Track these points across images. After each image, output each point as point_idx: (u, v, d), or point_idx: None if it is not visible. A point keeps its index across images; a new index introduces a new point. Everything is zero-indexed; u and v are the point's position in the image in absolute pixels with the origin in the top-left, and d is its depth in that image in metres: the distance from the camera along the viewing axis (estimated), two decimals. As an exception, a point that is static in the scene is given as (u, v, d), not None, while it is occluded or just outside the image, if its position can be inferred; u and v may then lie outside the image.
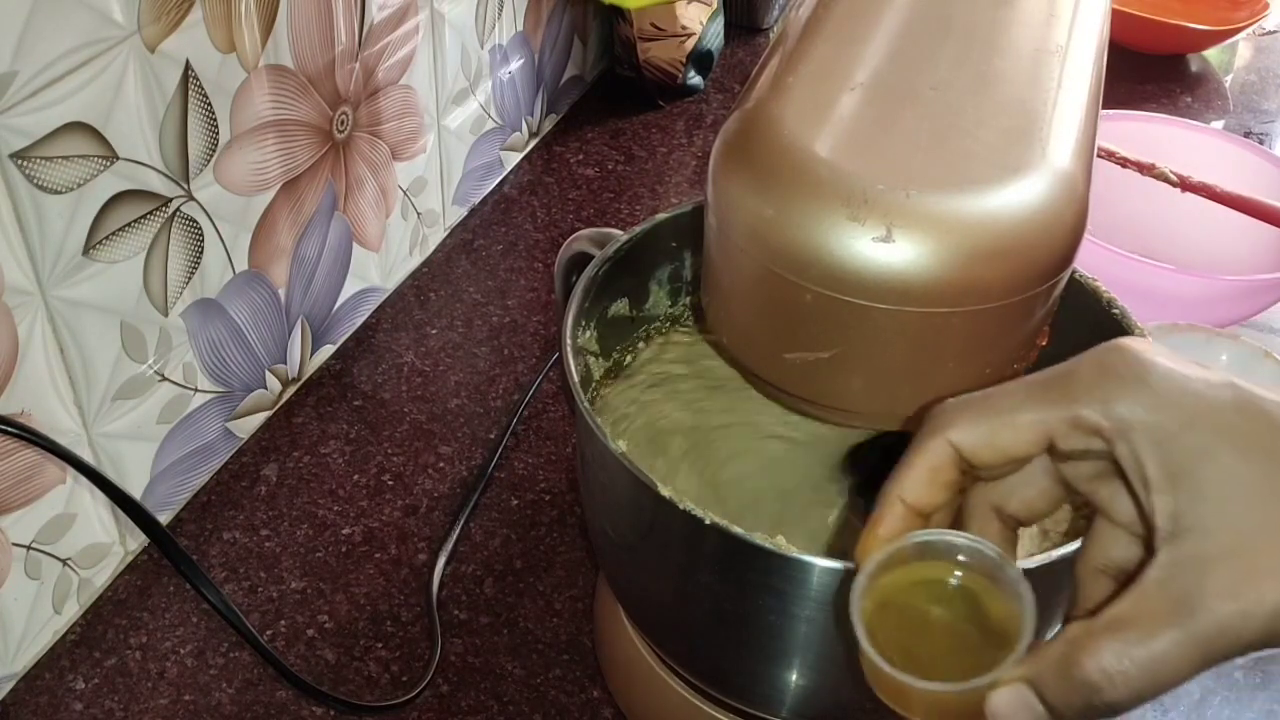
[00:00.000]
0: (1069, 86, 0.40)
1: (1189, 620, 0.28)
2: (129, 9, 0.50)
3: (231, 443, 0.67)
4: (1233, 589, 0.28)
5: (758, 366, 0.42)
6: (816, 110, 0.38)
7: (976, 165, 0.37)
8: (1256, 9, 1.08)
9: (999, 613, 0.32)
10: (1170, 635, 0.28)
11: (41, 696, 0.55)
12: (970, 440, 0.33)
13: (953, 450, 0.33)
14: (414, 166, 0.77)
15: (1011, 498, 0.35)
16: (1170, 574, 0.29)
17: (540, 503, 0.66)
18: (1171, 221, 0.80)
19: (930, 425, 0.34)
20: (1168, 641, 0.28)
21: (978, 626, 0.32)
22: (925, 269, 0.36)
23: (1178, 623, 0.28)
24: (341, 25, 0.64)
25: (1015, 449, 0.33)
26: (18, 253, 0.49)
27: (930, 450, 0.33)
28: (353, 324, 0.76)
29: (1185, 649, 0.28)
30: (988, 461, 0.33)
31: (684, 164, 0.94)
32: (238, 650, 0.58)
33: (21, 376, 0.51)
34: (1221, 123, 1.04)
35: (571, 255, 0.53)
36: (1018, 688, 0.30)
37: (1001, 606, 0.32)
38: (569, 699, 0.57)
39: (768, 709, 0.48)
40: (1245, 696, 0.58)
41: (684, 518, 0.40)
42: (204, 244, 0.59)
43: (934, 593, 0.33)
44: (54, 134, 0.48)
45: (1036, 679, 0.30)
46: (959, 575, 0.33)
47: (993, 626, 0.32)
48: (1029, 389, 0.33)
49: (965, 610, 0.33)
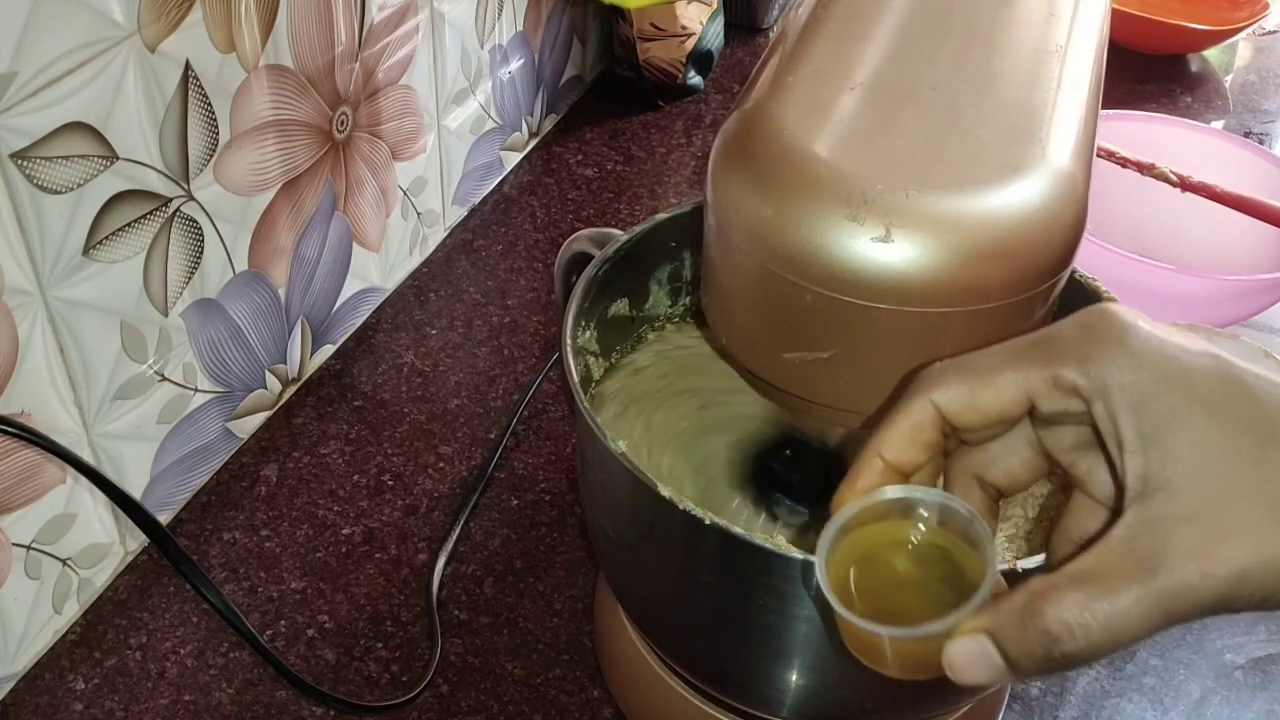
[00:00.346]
0: (1069, 86, 0.40)
1: (1151, 578, 0.29)
2: (129, 9, 0.50)
3: (231, 443, 0.67)
4: (1196, 550, 0.29)
5: (757, 366, 0.42)
6: (816, 110, 0.38)
7: (976, 165, 0.37)
8: (1256, 9, 1.08)
9: (971, 571, 0.32)
10: (1133, 592, 0.29)
11: (41, 696, 0.56)
12: (952, 400, 0.33)
13: (935, 410, 0.33)
14: (414, 166, 0.77)
15: (993, 466, 0.35)
16: (1136, 532, 0.30)
17: (540, 503, 0.66)
18: (1171, 221, 0.80)
19: (915, 385, 0.34)
20: (1130, 598, 0.29)
21: (949, 584, 0.32)
22: (924, 269, 0.36)
23: (1140, 580, 0.29)
24: (341, 25, 0.64)
25: (996, 409, 0.33)
26: (18, 253, 0.49)
27: (912, 409, 0.34)
28: (353, 324, 0.76)
29: (1146, 606, 0.29)
30: (969, 423, 0.33)
31: (683, 164, 0.94)
32: (238, 650, 0.58)
33: (21, 376, 0.51)
34: (1221, 123, 1.04)
35: (571, 255, 0.53)
36: (976, 638, 0.30)
37: (973, 564, 0.32)
38: (569, 699, 0.57)
39: (768, 709, 0.48)
40: (1245, 696, 0.58)
41: (684, 518, 0.40)
42: (204, 244, 0.59)
43: (907, 549, 0.34)
44: (54, 134, 0.48)
45: (996, 629, 0.30)
46: (931, 532, 0.33)
47: (965, 585, 0.32)
48: (1011, 350, 0.33)
49: (937, 567, 0.33)
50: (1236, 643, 0.60)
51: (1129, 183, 0.79)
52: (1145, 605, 0.29)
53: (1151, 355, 0.30)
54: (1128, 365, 0.30)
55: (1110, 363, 0.31)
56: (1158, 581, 0.29)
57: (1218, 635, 0.61)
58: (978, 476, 0.35)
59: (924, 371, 0.34)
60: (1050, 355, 0.32)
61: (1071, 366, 0.31)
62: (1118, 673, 0.59)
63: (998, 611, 0.30)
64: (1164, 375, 0.30)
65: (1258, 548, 0.28)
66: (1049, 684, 0.58)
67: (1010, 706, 0.57)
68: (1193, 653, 0.60)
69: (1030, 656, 0.30)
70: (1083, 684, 0.58)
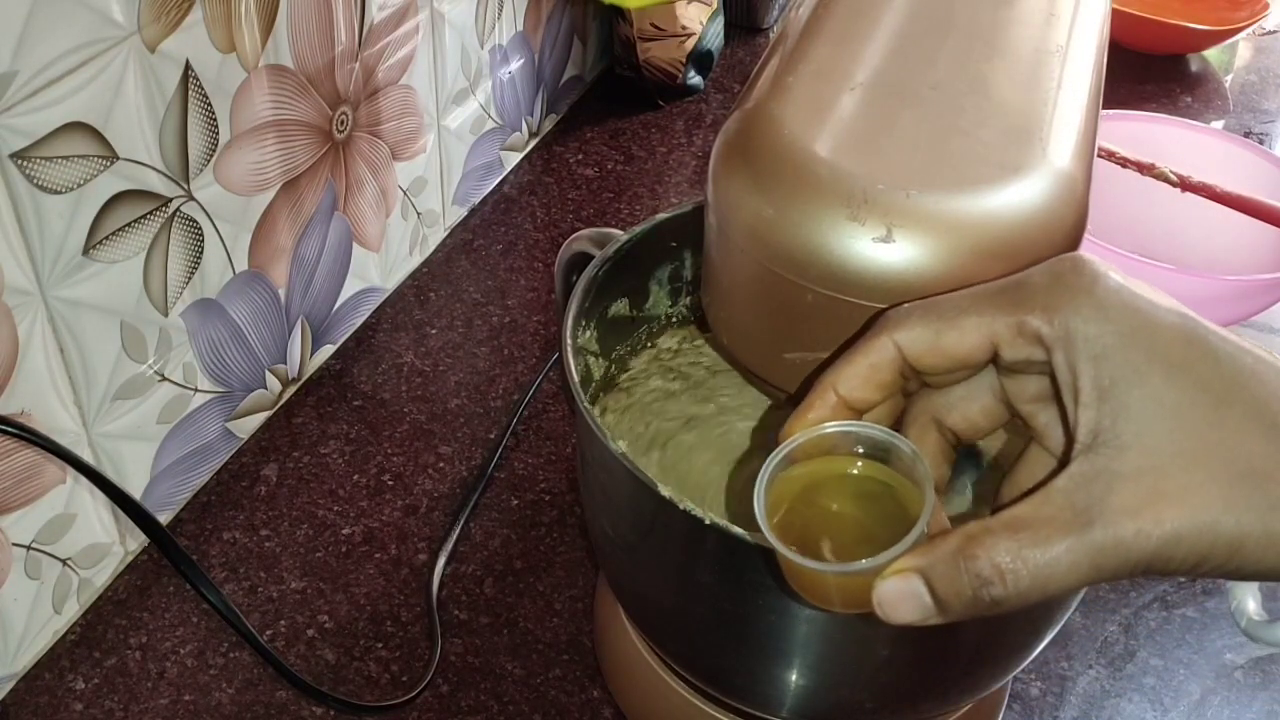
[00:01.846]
0: (1069, 86, 0.40)
1: (1086, 531, 0.29)
2: (129, 9, 0.50)
3: (231, 443, 0.67)
4: (1134, 507, 0.29)
5: (758, 366, 0.42)
6: (816, 110, 0.38)
7: (976, 165, 0.37)
8: (1256, 9, 1.08)
9: (912, 510, 0.32)
10: (1065, 543, 0.29)
11: (41, 696, 0.56)
12: (915, 341, 0.33)
13: (895, 351, 0.33)
14: (414, 166, 0.77)
15: (953, 411, 0.35)
16: (1077, 484, 0.29)
17: (540, 503, 0.66)
18: (1171, 221, 0.80)
19: (879, 324, 0.34)
20: (1061, 548, 0.29)
21: (889, 522, 0.32)
22: (925, 269, 0.36)
23: (1074, 531, 0.29)
24: (341, 25, 0.64)
25: (959, 352, 0.32)
26: (18, 253, 0.49)
27: (873, 347, 0.33)
28: (353, 324, 0.76)
29: (1076, 558, 0.29)
30: (931, 365, 0.33)
31: (684, 164, 0.94)
32: (238, 650, 0.58)
33: (21, 376, 0.51)
34: (1221, 123, 1.04)
35: (571, 255, 0.53)
36: (907, 577, 0.30)
37: (914, 504, 0.32)
38: (569, 699, 0.57)
39: (768, 709, 0.48)
40: (1245, 696, 0.58)
41: (684, 518, 0.40)
42: (204, 244, 0.59)
43: (849, 485, 0.33)
44: (54, 134, 0.48)
45: (928, 568, 0.30)
46: (875, 469, 0.33)
47: (904, 524, 0.31)
48: (978, 295, 0.33)
49: (879, 505, 0.33)
50: (1236, 643, 0.60)
51: (1129, 183, 0.79)
52: (1076, 557, 0.29)
53: (1119, 308, 0.30)
54: (1093, 317, 0.30)
55: (1076, 313, 0.30)
56: (1091, 535, 0.29)
57: (1218, 635, 0.61)
58: (936, 420, 0.35)
59: (890, 311, 0.34)
60: (1017, 301, 0.32)
61: (1037, 314, 0.31)
62: (1118, 673, 0.59)
63: (931, 551, 0.30)
64: (1129, 329, 0.30)
65: (1196, 511, 0.28)
66: (1049, 684, 0.58)
67: (1010, 706, 0.57)
68: (1193, 653, 0.60)
69: (960, 598, 0.30)
70: (1083, 684, 0.58)
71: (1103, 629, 0.61)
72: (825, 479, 0.33)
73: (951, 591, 0.30)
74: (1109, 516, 0.29)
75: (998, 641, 0.45)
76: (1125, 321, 0.30)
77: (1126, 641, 0.60)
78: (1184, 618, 0.61)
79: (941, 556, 0.30)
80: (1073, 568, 0.29)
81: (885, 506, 0.33)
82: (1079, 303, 0.30)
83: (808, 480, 0.33)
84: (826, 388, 0.34)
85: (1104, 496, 0.29)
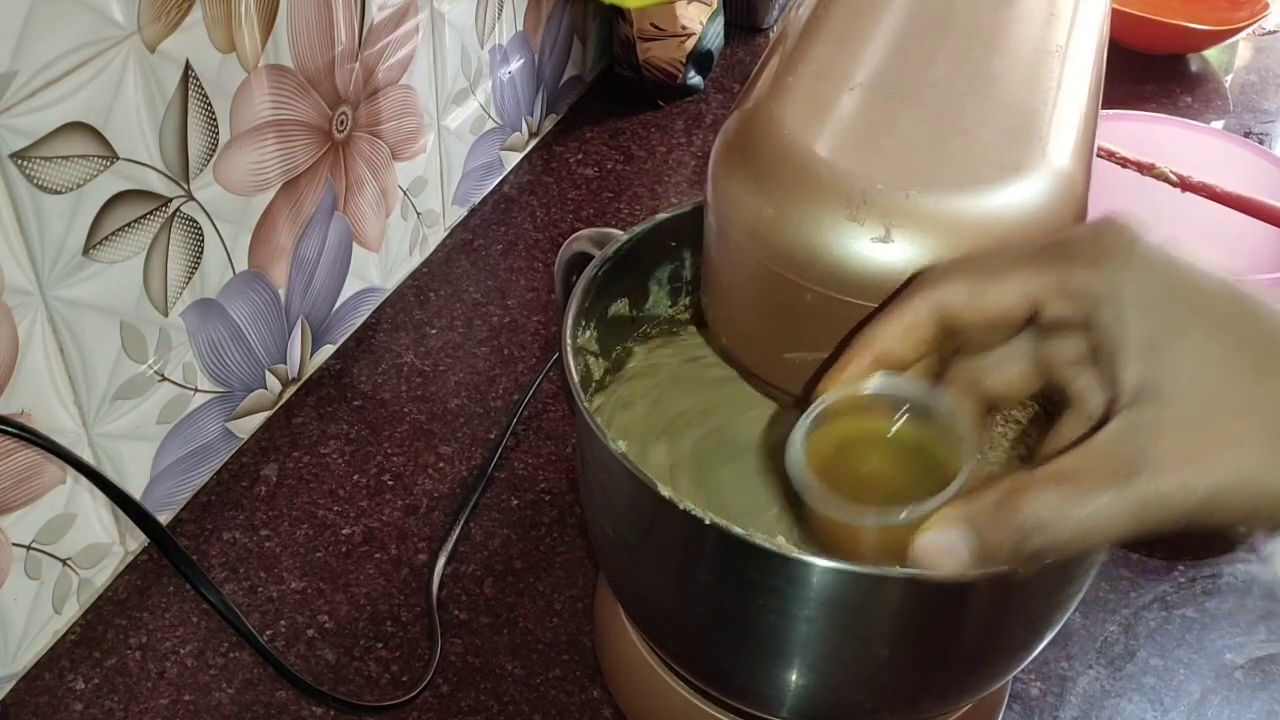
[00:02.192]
0: (1069, 86, 0.40)
1: (1129, 483, 0.29)
2: (129, 9, 0.50)
3: (231, 443, 0.67)
4: (1178, 460, 0.29)
5: (758, 366, 0.42)
6: (816, 110, 0.38)
7: (976, 165, 0.37)
8: (1256, 9, 1.08)
9: (948, 467, 0.32)
10: (1108, 495, 0.29)
11: (41, 696, 0.56)
12: (955, 296, 0.33)
13: (934, 308, 0.33)
14: (414, 166, 0.77)
15: (990, 374, 0.35)
16: (1122, 436, 0.29)
17: (540, 503, 0.66)
18: (1171, 222, 0.79)
19: (918, 281, 0.34)
20: (1104, 500, 0.29)
21: (924, 479, 0.32)
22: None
23: (1118, 484, 0.29)
24: (341, 25, 0.65)
25: (999, 309, 0.32)
26: (18, 253, 0.49)
27: (912, 305, 0.33)
28: (353, 324, 0.76)
29: (1118, 510, 0.29)
30: (970, 322, 0.33)
31: (684, 164, 0.94)
32: (238, 650, 0.58)
33: (21, 376, 0.51)
34: (1221, 123, 1.04)
35: (571, 255, 0.53)
36: (946, 531, 0.30)
37: (950, 460, 0.32)
38: (569, 699, 0.57)
39: (768, 709, 0.48)
40: (1245, 696, 0.58)
41: (684, 518, 0.40)
42: (204, 244, 0.59)
43: (884, 442, 0.33)
44: (54, 134, 0.48)
45: (971, 518, 0.30)
46: (910, 427, 0.33)
47: (939, 480, 0.31)
48: (1021, 252, 0.33)
49: (914, 462, 0.33)
50: (1236, 643, 0.60)
51: (1129, 183, 0.79)
52: (1118, 509, 0.29)
53: (1161, 266, 0.31)
54: (1137, 274, 0.30)
55: (1121, 270, 0.31)
56: (1135, 487, 0.29)
57: (1218, 635, 0.61)
58: (973, 383, 0.35)
59: (929, 269, 0.34)
60: (1061, 258, 0.32)
61: (1081, 270, 0.31)
62: (1118, 673, 0.59)
63: (973, 502, 0.30)
64: (1171, 287, 0.30)
65: (1240, 462, 0.28)
66: (1049, 684, 0.58)
67: (1010, 706, 0.57)
68: (1193, 653, 0.60)
69: (1001, 549, 0.30)
70: (1083, 684, 0.58)
71: (1103, 629, 0.61)
72: (858, 436, 0.33)
73: (993, 540, 0.30)
74: (1153, 469, 0.29)
75: (998, 642, 0.45)
76: (1168, 279, 0.30)
77: (1126, 641, 0.60)
78: (1184, 618, 0.61)
79: (984, 508, 0.30)
80: (1114, 521, 0.29)
81: (919, 465, 0.33)
82: (1123, 260, 0.31)
83: (841, 437, 0.33)
84: (863, 347, 0.34)
85: (1148, 449, 0.29)
